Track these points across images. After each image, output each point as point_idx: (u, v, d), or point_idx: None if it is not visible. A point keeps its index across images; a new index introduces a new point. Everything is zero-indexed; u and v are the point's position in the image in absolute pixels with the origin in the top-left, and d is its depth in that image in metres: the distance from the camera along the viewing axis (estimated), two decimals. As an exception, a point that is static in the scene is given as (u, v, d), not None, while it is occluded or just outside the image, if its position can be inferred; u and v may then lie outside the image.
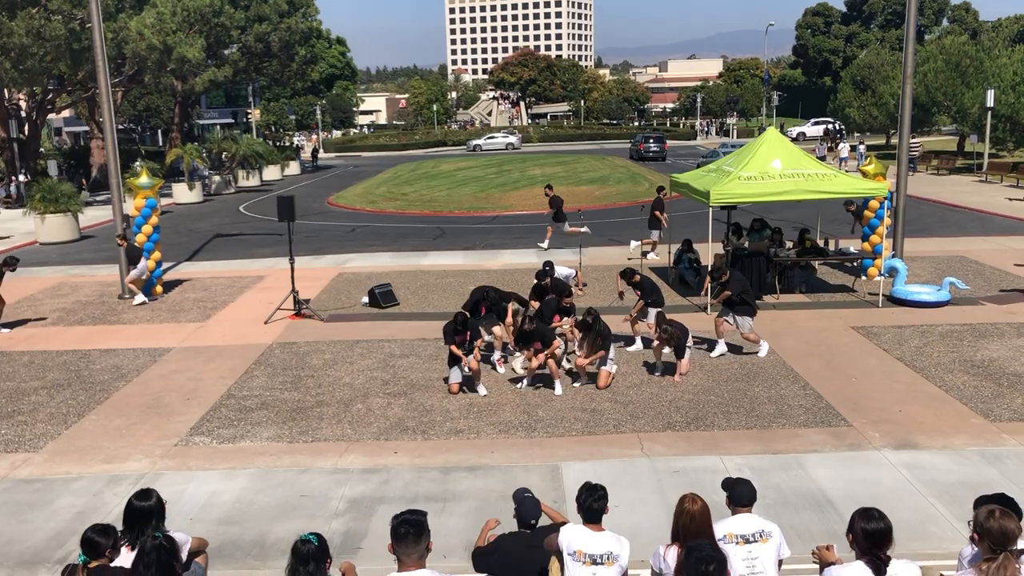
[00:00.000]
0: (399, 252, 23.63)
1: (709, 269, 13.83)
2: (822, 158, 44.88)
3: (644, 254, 21.10)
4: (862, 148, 49.65)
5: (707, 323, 15.04)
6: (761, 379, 12.11)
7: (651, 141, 59.01)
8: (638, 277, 13.32)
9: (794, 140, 66.20)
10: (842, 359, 12.90)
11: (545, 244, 22.94)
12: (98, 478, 9.40)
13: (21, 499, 8.95)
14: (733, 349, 13.41)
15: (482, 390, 11.62)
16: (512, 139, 79.37)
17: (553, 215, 22.90)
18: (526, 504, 6.15)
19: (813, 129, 75.66)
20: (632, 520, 7.99)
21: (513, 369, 12.63)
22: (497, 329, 13.21)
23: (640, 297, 13.36)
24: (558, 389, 11.67)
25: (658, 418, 10.73)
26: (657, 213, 21.39)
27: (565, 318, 13.05)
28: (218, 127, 58.46)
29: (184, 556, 5.38)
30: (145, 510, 5.46)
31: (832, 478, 8.93)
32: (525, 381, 11.94)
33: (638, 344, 13.58)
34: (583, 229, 21.22)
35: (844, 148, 48.92)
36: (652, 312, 13.06)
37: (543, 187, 24.76)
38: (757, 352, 13.05)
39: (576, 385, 11.78)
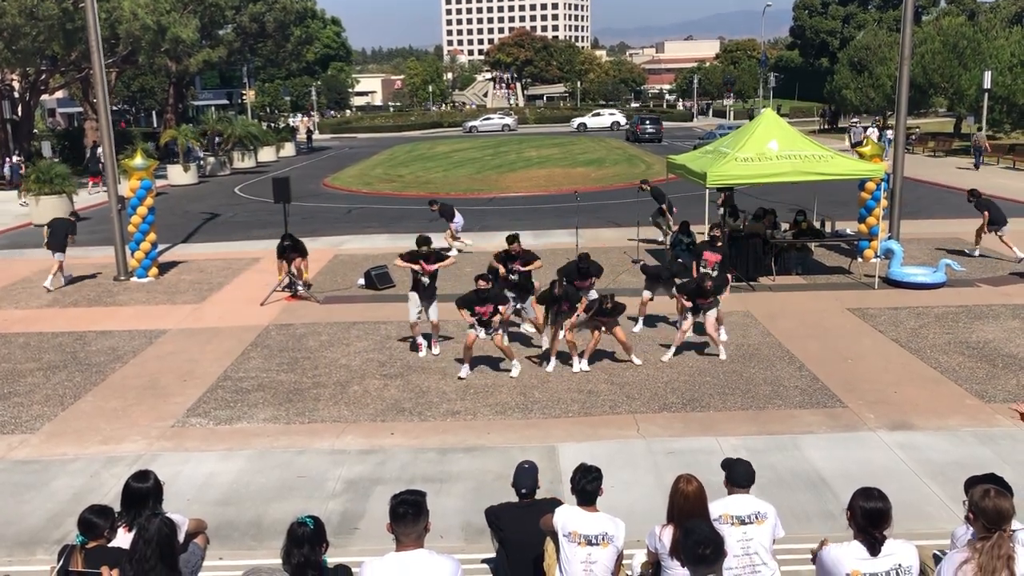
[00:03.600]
0: (395, 234, 23.57)
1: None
2: (858, 144, 43.80)
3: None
4: (889, 134, 44.20)
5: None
6: (757, 360, 12.14)
7: (648, 123, 59.19)
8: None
9: (584, 129, 66.51)
10: (838, 341, 12.92)
11: None
12: (95, 459, 9.41)
13: (18, 480, 8.96)
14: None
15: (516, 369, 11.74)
16: (508, 120, 79.05)
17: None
18: (519, 473, 6.23)
19: (595, 121, 73.73)
20: (628, 501, 8.02)
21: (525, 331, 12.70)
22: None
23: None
24: (576, 366, 11.75)
25: (654, 399, 10.76)
26: None
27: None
28: (213, 108, 58.23)
29: (181, 538, 5.39)
30: (143, 491, 5.46)
31: (827, 459, 8.97)
32: (551, 362, 11.91)
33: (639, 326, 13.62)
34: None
35: (873, 133, 44.09)
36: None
37: (539, 169, 24.50)
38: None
39: (579, 368, 11.77)
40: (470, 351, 11.62)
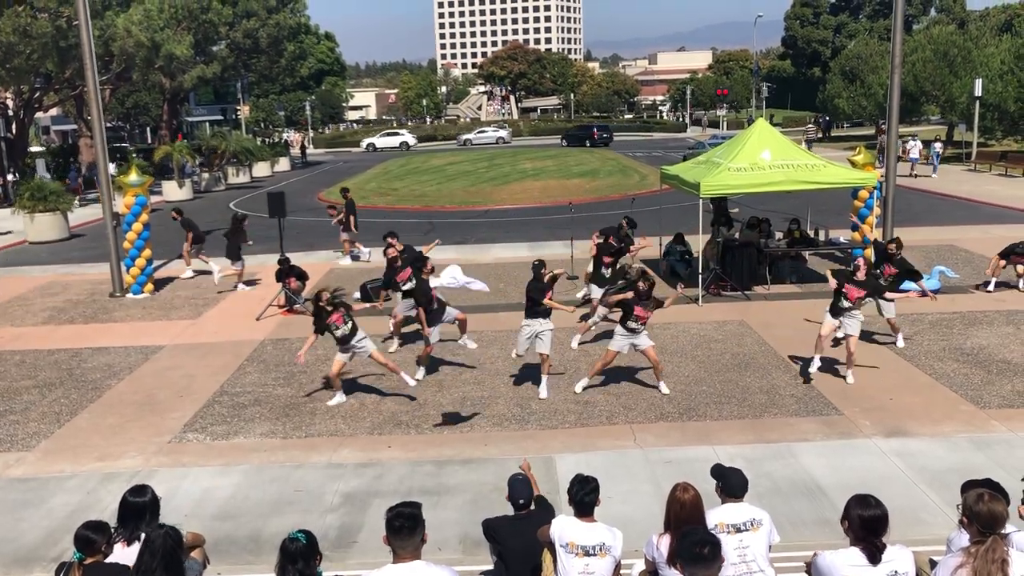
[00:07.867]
0: (390, 247, 23.55)
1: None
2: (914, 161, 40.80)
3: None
4: (938, 147, 38.16)
5: (699, 314, 15.14)
6: (753, 369, 12.17)
7: (598, 129, 71.19)
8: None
9: (373, 149, 67.85)
10: (833, 349, 12.93)
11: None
12: (92, 476, 9.40)
13: (15, 498, 8.95)
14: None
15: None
16: (503, 133, 79.25)
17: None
18: (515, 486, 6.23)
19: (383, 141, 73.00)
20: (625, 510, 8.03)
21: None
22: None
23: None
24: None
25: (651, 409, 10.77)
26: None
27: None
28: (207, 124, 58.28)
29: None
30: (140, 506, 5.46)
31: (824, 466, 8.99)
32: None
33: None
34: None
35: (915, 147, 38.10)
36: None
37: (533, 181, 24.65)
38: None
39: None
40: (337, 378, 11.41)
